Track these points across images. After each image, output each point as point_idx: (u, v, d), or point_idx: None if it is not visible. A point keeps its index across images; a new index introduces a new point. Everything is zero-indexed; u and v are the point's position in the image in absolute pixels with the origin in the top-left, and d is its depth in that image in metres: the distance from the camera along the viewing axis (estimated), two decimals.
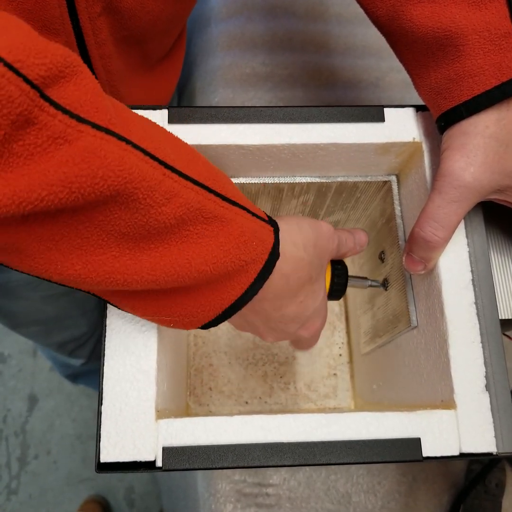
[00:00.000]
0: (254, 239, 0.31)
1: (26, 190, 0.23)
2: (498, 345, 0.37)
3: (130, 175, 0.25)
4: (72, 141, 0.24)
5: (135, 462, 0.34)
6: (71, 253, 0.27)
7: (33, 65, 0.22)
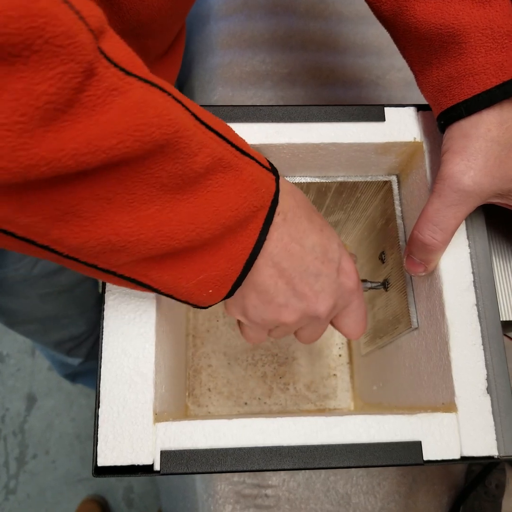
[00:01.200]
0: (262, 186, 0.32)
1: (99, 138, 0.24)
2: (500, 348, 0.37)
3: (177, 124, 0.27)
4: (124, 92, 0.25)
5: (132, 466, 0.34)
6: (122, 210, 0.28)
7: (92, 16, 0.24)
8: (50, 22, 0.21)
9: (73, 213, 0.28)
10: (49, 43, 0.22)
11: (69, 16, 0.22)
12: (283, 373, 0.65)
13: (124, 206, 0.28)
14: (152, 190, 0.29)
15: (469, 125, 0.36)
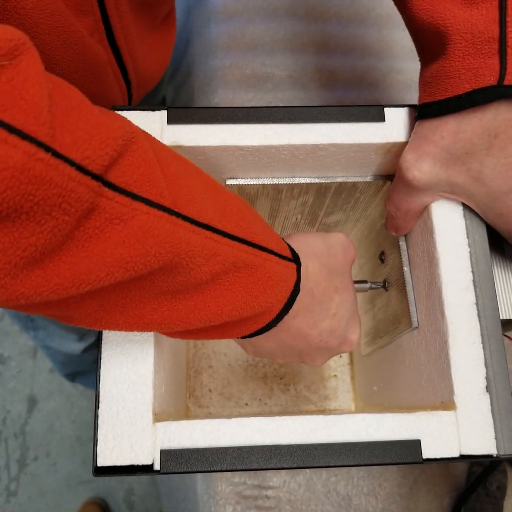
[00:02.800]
0: (279, 281, 0.32)
1: (86, 272, 0.24)
2: (499, 346, 0.37)
3: (178, 249, 0.26)
4: (127, 220, 0.24)
5: (132, 465, 0.34)
6: (115, 311, 0.28)
7: (98, 157, 0.22)
8: (41, 188, 0.20)
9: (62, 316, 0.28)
10: (39, 205, 0.21)
11: (65, 176, 0.21)
12: (284, 374, 0.65)
13: (117, 308, 0.28)
14: (150, 294, 0.28)
15: (428, 127, 0.37)
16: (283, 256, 0.33)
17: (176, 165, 0.29)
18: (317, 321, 0.35)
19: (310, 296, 0.34)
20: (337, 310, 0.36)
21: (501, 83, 0.33)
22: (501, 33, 0.34)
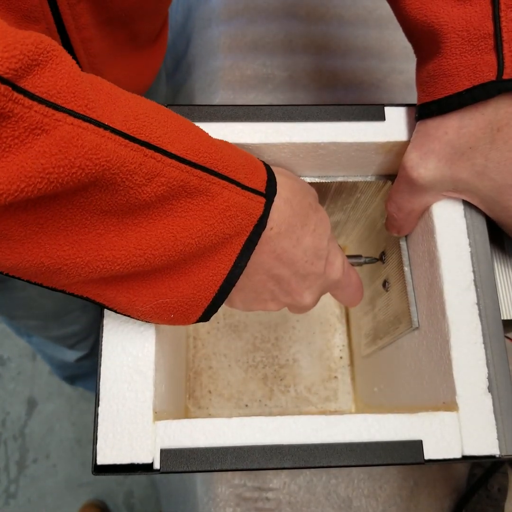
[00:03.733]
0: (240, 213, 0.31)
1: (5, 182, 0.23)
2: (501, 346, 0.37)
3: (108, 163, 0.25)
4: (49, 130, 0.24)
5: (132, 464, 0.34)
6: (57, 234, 0.27)
7: (2, 60, 0.22)
8: None
9: (0, 236, 0.27)
10: None
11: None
12: (284, 375, 0.65)
13: (59, 231, 0.27)
14: (92, 215, 0.27)
15: (431, 124, 0.37)
16: (249, 187, 0.32)
17: (121, 91, 0.29)
18: (299, 237, 0.35)
19: (289, 206, 0.34)
20: (315, 227, 0.36)
21: (500, 77, 0.34)
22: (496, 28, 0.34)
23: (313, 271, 0.37)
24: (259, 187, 0.33)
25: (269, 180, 0.34)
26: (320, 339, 0.66)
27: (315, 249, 0.36)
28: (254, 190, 0.32)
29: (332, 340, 0.67)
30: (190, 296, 0.32)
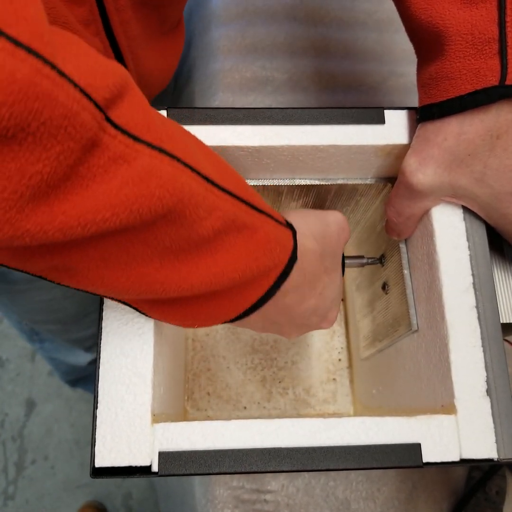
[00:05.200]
0: (277, 245, 0.32)
1: (92, 211, 0.23)
2: (499, 350, 0.37)
3: (182, 193, 0.26)
4: (131, 161, 0.24)
5: (130, 467, 0.34)
6: (117, 268, 0.28)
7: (100, 88, 0.22)
8: (48, 105, 0.20)
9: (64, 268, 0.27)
10: (45, 125, 0.20)
11: (71, 97, 0.21)
12: (283, 377, 0.65)
13: (120, 265, 0.28)
14: (153, 251, 0.28)
15: (431, 129, 0.37)
16: (280, 221, 0.33)
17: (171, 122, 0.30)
18: (305, 299, 0.36)
19: (302, 275, 0.34)
20: (323, 290, 0.37)
21: (503, 83, 0.34)
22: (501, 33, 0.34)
23: (307, 324, 0.38)
24: (283, 221, 0.33)
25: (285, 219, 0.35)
26: (318, 341, 0.66)
27: (315, 308, 0.37)
28: (283, 223, 0.33)
29: (330, 343, 0.67)
30: (215, 315, 0.34)
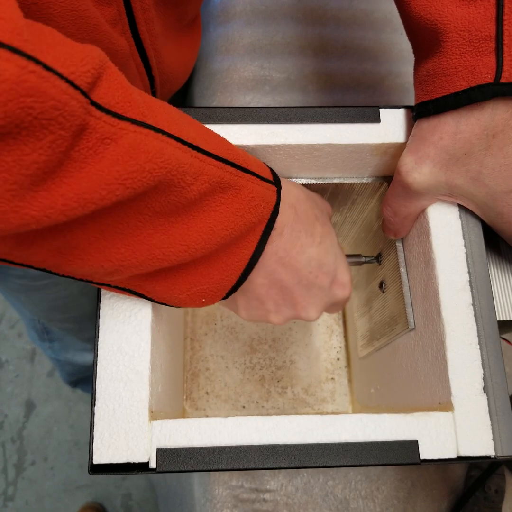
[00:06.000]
0: (261, 202, 0.33)
1: (89, 191, 0.24)
2: (496, 347, 0.37)
3: (169, 164, 0.27)
4: (117, 139, 0.25)
5: (128, 463, 0.34)
6: (114, 238, 0.29)
7: (82, 74, 0.23)
8: (39, 100, 0.21)
9: (67, 247, 0.28)
10: (38, 119, 0.21)
11: (58, 88, 0.22)
12: (281, 376, 0.65)
13: (116, 234, 0.29)
14: (144, 217, 0.29)
15: (427, 128, 0.37)
16: (264, 178, 0.34)
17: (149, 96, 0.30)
18: (304, 245, 0.36)
19: (293, 211, 0.35)
20: (321, 240, 0.37)
21: (498, 81, 0.34)
22: (498, 31, 0.34)
23: (317, 285, 0.37)
24: (269, 177, 0.34)
25: (273, 174, 0.36)
26: (317, 341, 0.67)
27: (320, 261, 0.36)
28: (268, 180, 0.34)
29: (329, 342, 0.67)
30: (219, 281, 0.34)
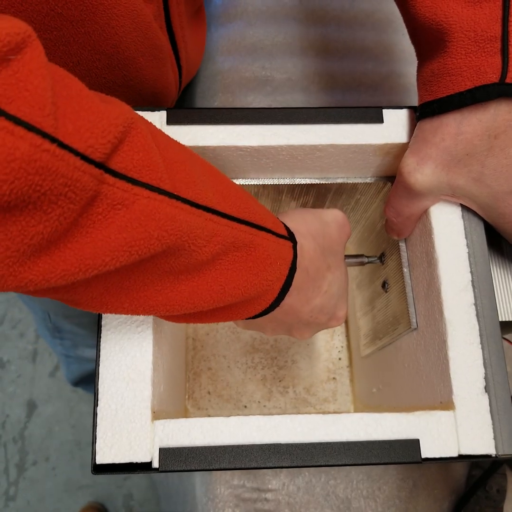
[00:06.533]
0: (278, 259, 0.32)
1: (92, 257, 0.24)
2: (498, 347, 0.37)
3: (180, 231, 0.27)
4: (129, 205, 0.25)
5: (131, 463, 0.34)
6: (120, 294, 0.29)
7: (101, 146, 0.23)
8: (48, 178, 0.21)
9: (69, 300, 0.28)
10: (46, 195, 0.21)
11: (71, 166, 0.21)
12: (283, 376, 0.65)
13: (122, 290, 0.29)
14: (153, 276, 0.29)
15: (429, 129, 0.38)
16: (280, 234, 0.33)
17: (174, 149, 0.30)
18: (310, 298, 0.36)
19: (304, 274, 0.35)
20: (328, 288, 0.37)
21: (503, 81, 0.34)
22: (503, 32, 0.34)
23: (316, 323, 0.38)
24: (284, 232, 0.34)
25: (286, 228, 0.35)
26: (319, 341, 0.67)
27: (321, 307, 0.37)
28: (283, 236, 0.33)
29: (331, 342, 0.67)
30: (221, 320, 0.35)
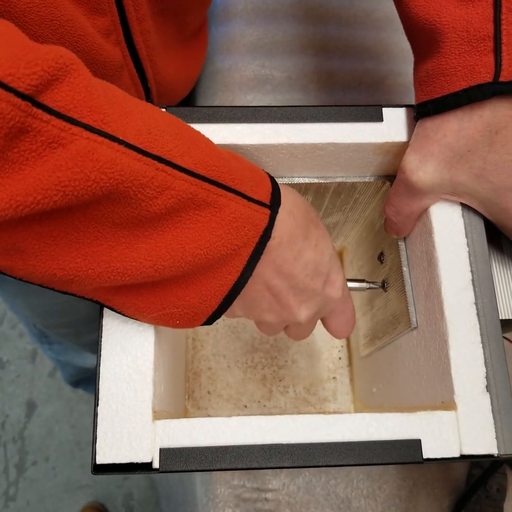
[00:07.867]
0: (246, 224, 0.31)
1: (22, 194, 0.24)
2: (499, 346, 0.37)
3: (122, 176, 0.26)
4: (66, 144, 0.24)
5: (131, 463, 0.34)
6: (69, 247, 0.28)
7: (24, 76, 0.23)
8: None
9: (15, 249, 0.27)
10: None
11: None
12: (283, 376, 0.65)
13: (71, 243, 0.28)
14: (104, 228, 0.28)
15: (430, 127, 0.37)
16: (255, 200, 0.32)
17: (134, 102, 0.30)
18: (301, 249, 0.35)
19: (291, 217, 0.34)
20: (317, 242, 0.36)
21: (497, 79, 0.34)
22: (496, 31, 0.34)
23: (312, 287, 0.36)
24: (264, 199, 0.33)
25: (273, 191, 0.34)
26: (319, 340, 0.67)
27: (316, 263, 0.36)
28: (260, 202, 0.33)
29: (331, 341, 0.67)
30: (197, 305, 0.33)
